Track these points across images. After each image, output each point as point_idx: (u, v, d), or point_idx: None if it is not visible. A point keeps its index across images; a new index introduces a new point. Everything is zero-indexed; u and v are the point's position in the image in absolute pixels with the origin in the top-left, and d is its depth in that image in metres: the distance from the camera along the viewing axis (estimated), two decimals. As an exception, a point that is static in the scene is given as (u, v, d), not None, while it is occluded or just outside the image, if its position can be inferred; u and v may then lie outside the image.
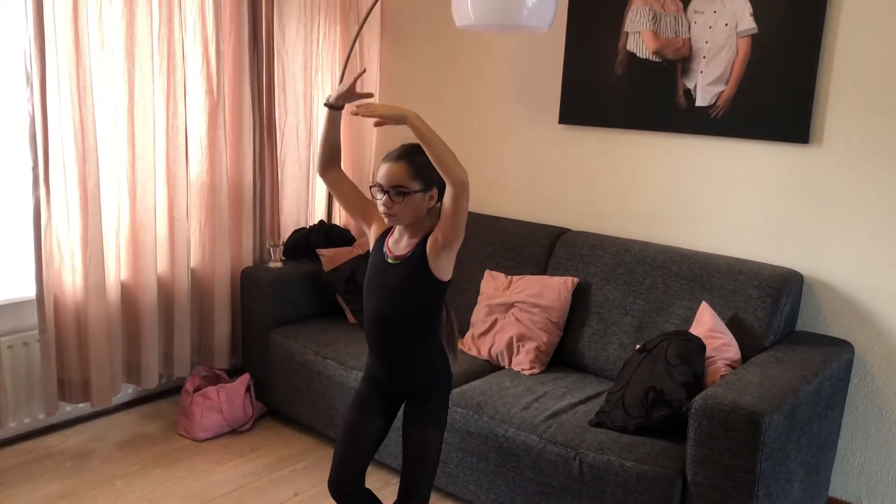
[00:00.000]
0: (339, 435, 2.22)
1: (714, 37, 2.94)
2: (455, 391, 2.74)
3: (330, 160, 2.25)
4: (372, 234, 2.24)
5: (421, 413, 2.18)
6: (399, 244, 2.14)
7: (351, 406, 2.25)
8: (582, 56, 3.29)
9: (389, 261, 2.12)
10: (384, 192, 2.06)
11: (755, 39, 2.85)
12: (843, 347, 2.70)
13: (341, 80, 3.74)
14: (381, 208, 2.09)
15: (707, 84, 2.97)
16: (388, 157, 2.09)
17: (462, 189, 1.96)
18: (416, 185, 2.06)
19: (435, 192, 2.10)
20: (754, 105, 2.88)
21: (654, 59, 3.09)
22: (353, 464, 2.19)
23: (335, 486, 2.19)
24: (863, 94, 2.68)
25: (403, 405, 2.23)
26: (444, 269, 2.09)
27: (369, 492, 2.26)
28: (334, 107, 2.19)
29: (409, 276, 2.08)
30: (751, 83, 2.88)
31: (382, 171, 2.08)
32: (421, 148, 2.02)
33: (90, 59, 2.88)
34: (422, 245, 2.08)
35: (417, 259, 2.08)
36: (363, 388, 2.25)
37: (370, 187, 2.12)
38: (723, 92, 2.94)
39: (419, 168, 2.06)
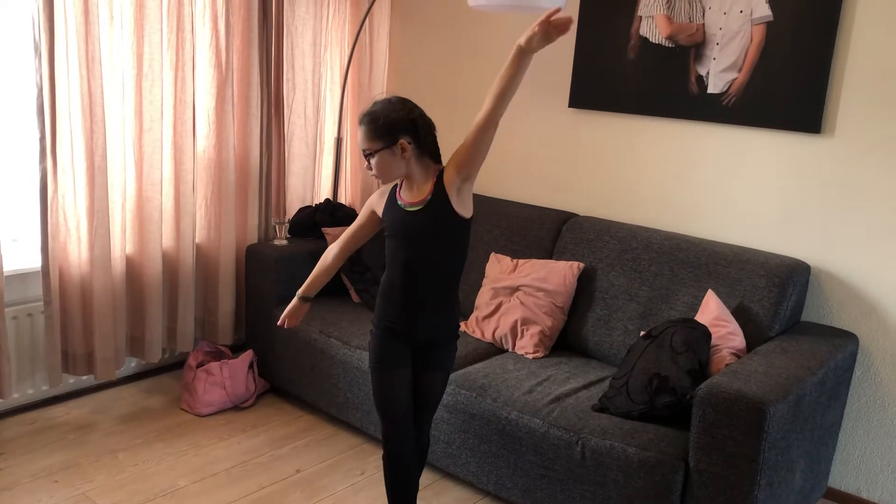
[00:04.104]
0: (382, 396, 2.25)
1: (728, 23, 2.91)
2: (458, 373, 2.74)
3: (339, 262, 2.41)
4: (380, 208, 2.25)
5: (435, 359, 2.27)
6: (412, 192, 2.17)
7: (382, 365, 2.25)
8: (594, 39, 3.26)
9: (410, 209, 2.15)
10: (364, 155, 2.18)
11: (770, 27, 2.82)
12: (848, 339, 2.70)
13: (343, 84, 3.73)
14: (368, 171, 2.20)
15: (720, 71, 2.95)
16: (357, 122, 2.18)
17: (494, 125, 2.06)
18: (377, 144, 2.11)
19: (404, 141, 2.11)
20: (767, 93, 2.86)
21: (666, 45, 3.07)
22: (407, 420, 2.26)
23: (399, 447, 2.26)
24: (877, 85, 2.65)
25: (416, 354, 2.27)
26: (465, 204, 2.13)
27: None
28: (305, 299, 2.44)
29: (435, 218, 2.12)
30: (764, 71, 2.85)
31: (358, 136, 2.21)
32: (379, 104, 2.12)
33: (99, 30, 2.86)
34: (438, 185, 2.12)
35: (438, 199, 2.11)
36: (383, 343, 2.25)
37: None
38: (735, 79, 2.92)
39: (376, 128, 2.11)
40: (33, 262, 2.98)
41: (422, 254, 2.16)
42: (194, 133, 3.24)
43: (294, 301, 2.45)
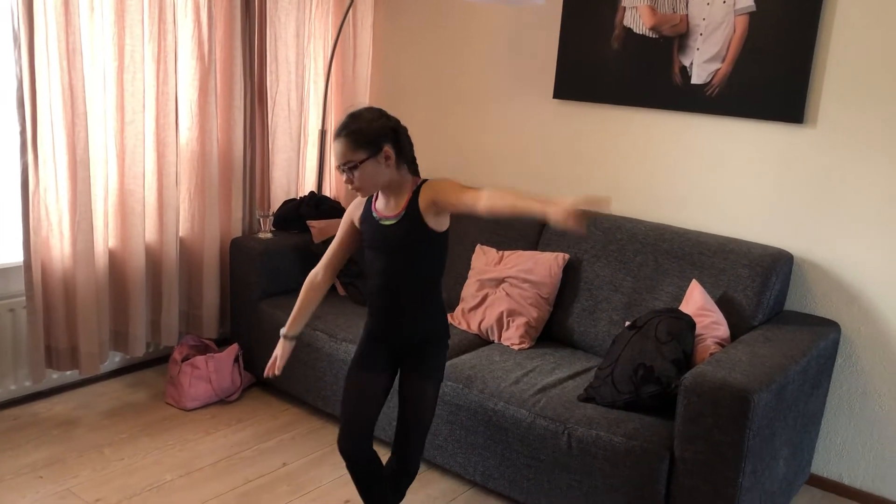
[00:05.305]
0: (345, 393, 2.24)
1: (712, 14, 2.92)
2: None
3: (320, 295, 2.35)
4: (358, 218, 2.23)
5: (420, 367, 2.22)
6: (388, 206, 2.15)
7: (355, 364, 2.25)
8: (578, 30, 3.26)
9: (384, 223, 2.14)
10: (342, 170, 2.09)
11: (753, 17, 2.84)
12: (830, 327, 2.72)
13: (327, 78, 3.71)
14: (348, 185, 2.12)
15: (703, 61, 2.96)
16: (334, 136, 2.09)
17: (477, 212, 1.99)
18: (361, 155, 2.05)
19: (387, 149, 2.07)
20: (749, 84, 2.87)
21: (650, 35, 3.08)
22: (362, 421, 2.22)
23: (346, 444, 2.22)
24: (859, 75, 2.67)
25: (403, 360, 2.25)
26: (439, 223, 2.13)
27: (374, 451, 2.28)
28: (288, 338, 2.33)
29: (408, 233, 2.11)
30: (747, 62, 2.87)
31: (333, 151, 2.10)
32: (357, 115, 2.07)
33: (80, 21, 2.82)
34: (413, 203, 2.10)
35: (412, 216, 2.10)
36: (365, 346, 2.25)
37: (336, 167, 2.14)
38: (718, 70, 2.93)
39: (358, 138, 2.05)
40: (15, 256, 2.95)
41: (399, 264, 2.15)
42: (177, 125, 3.21)
43: (280, 343, 2.33)
